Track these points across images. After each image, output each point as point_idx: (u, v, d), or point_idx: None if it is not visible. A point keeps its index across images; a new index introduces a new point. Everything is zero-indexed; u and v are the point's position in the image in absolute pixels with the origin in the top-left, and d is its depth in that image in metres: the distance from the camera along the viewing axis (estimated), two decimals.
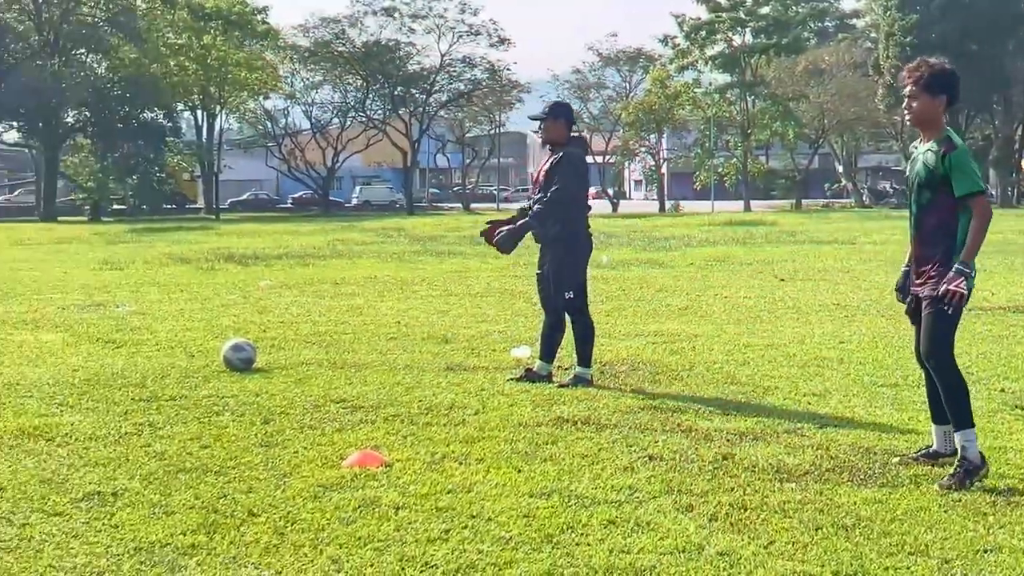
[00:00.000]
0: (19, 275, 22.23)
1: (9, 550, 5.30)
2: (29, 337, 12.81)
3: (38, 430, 7.76)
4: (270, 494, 6.19)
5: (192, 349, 11.71)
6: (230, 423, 7.99)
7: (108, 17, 69.86)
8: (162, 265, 24.96)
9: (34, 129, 71.30)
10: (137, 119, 70.32)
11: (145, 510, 5.90)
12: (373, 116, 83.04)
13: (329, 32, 78.95)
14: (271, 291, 18.30)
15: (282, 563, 5.13)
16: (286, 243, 33.75)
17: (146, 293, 18.12)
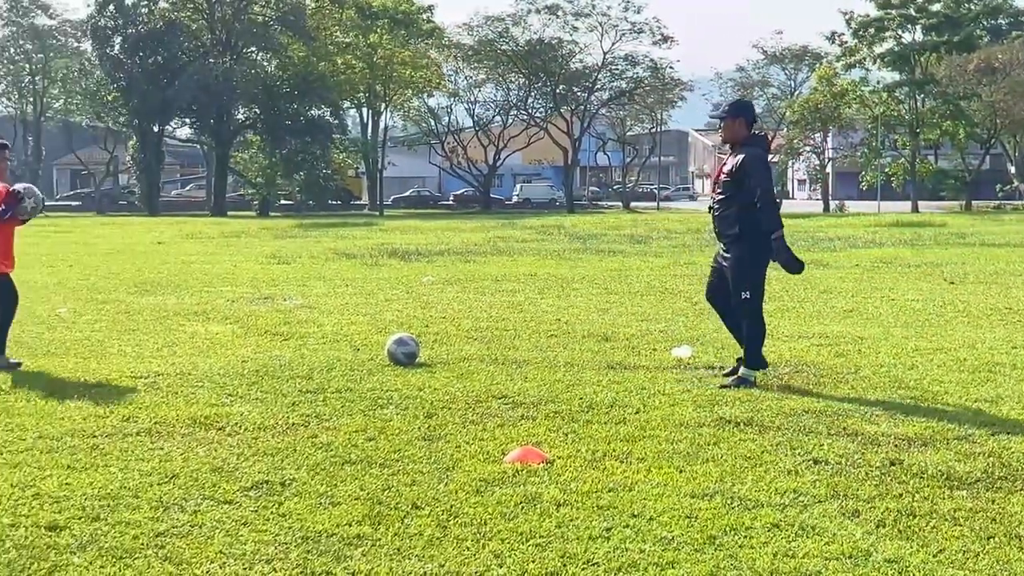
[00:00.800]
0: (191, 268, 22.85)
1: (181, 536, 5.45)
2: (200, 328, 13.16)
3: (209, 419, 7.96)
4: (433, 487, 6.25)
5: (357, 343, 11.89)
6: (394, 416, 8.09)
7: (278, 16, 71.44)
8: (328, 260, 25.41)
9: (206, 126, 73.37)
10: (305, 116, 71.75)
11: (312, 500, 6.01)
12: (535, 114, 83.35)
13: (493, 30, 79.49)
14: (433, 287, 18.49)
15: (445, 556, 5.18)
16: (448, 240, 34.07)
17: (312, 287, 18.46)
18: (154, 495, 6.08)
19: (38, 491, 6.14)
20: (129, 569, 4.99)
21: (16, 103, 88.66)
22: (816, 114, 74.04)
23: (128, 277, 20.39)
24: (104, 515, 5.72)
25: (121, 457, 6.89)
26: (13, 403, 8.52)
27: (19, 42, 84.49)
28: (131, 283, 19.14)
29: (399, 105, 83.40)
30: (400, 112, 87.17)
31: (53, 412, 8.19)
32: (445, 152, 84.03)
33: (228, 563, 5.08)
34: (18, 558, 5.11)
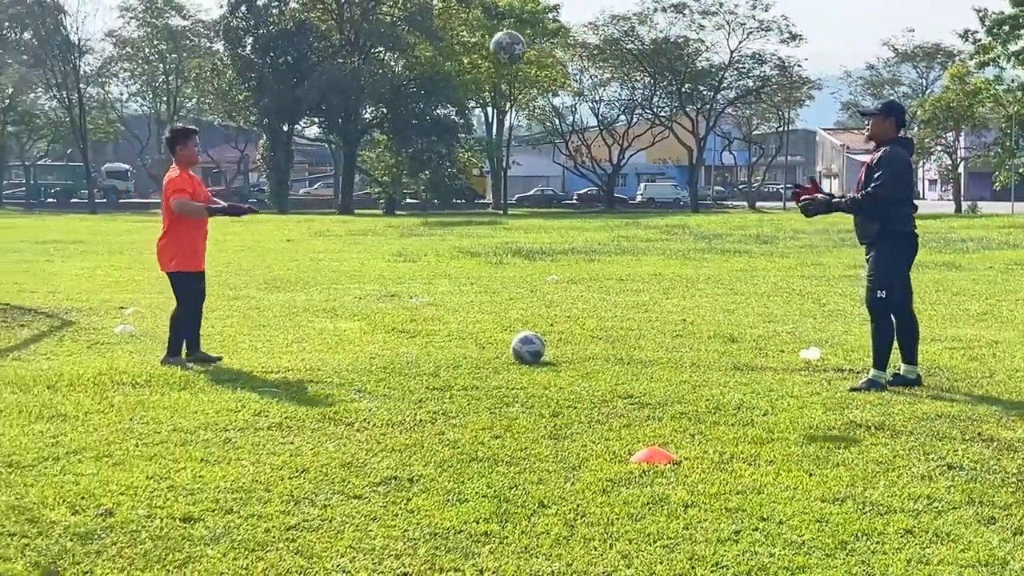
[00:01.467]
0: (319, 265, 23.17)
1: (312, 530, 5.52)
2: (329, 325, 13.33)
3: (338, 415, 8.06)
4: (560, 486, 6.25)
5: (482, 341, 11.94)
6: (520, 415, 8.11)
7: (406, 16, 72.08)
8: (453, 258, 25.57)
9: (334, 125, 74.28)
10: (431, 116, 72.24)
11: (440, 497, 6.05)
12: (660, 113, 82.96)
13: (618, 29, 79.24)
14: (558, 286, 18.50)
15: (572, 555, 5.17)
16: (572, 239, 34.06)
17: (438, 285, 18.60)
18: (285, 489, 6.17)
19: (173, 483, 6.26)
20: (261, 562, 5.07)
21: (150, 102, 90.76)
22: (948, 113, 72.46)
23: (258, 274, 20.74)
24: (237, 508, 5.83)
25: (253, 451, 7.01)
26: (148, 396, 8.71)
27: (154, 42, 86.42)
28: (261, 280, 19.48)
29: (524, 104, 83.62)
30: (525, 111, 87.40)
31: (187, 406, 8.36)
32: (569, 151, 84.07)
33: (358, 558, 5.13)
34: (154, 548, 5.22)
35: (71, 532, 5.41)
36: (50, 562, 5.26)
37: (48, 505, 5.82)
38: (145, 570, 4.95)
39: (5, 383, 9.19)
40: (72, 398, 8.61)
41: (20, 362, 10.41)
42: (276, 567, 5.01)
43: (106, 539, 5.33)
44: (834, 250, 27.59)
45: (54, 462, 6.67)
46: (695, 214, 64.54)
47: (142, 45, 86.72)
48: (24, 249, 28.49)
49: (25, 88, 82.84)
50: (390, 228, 43.23)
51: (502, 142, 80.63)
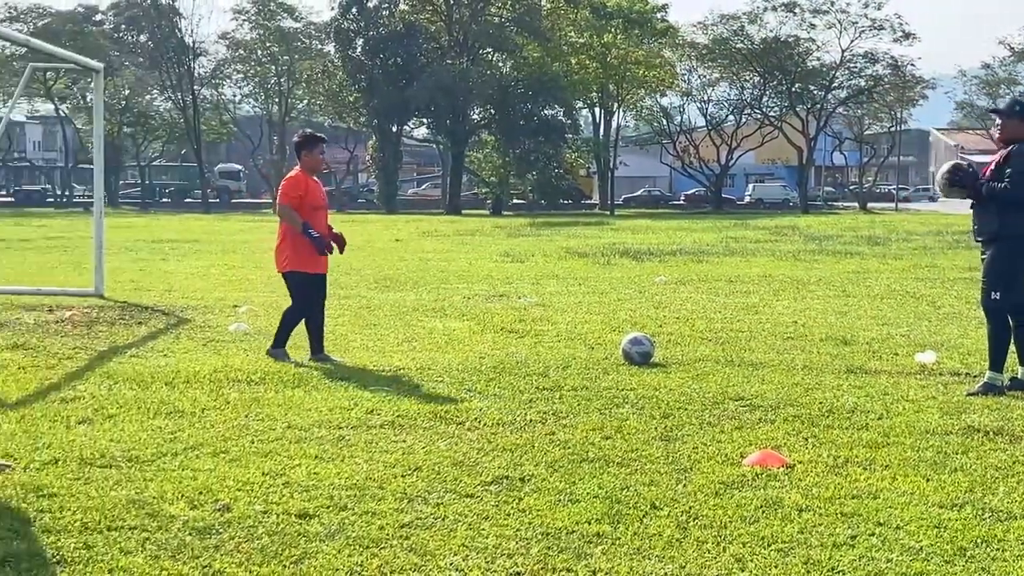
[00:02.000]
0: (428, 265, 23.32)
1: (425, 527, 5.56)
2: (438, 324, 13.41)
3: (449, 414, 8.11)
4: (671, 488, 6.23)
5: (591, 341, 11.94)
6: (630, 415, 8.09)
7: (514, 17, 72.31)
8: (560, 259, 25.58)
9: (442, 126, 74.79)
10: (538, 116, 72.43)
11: (551, 497, 6.06)
12: (769, 113, 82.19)
13: (728, 29, 78.68)
14: (666, 287, 18.42)
15: (685, 558, 5.15)
16: (679, 239, 33.89)
17: (546, 285, 18.61)
18: (398, 487, 6.22)
19: (288, 480, 6.35)
20: (376, 559, 5.11)
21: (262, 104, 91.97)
22: None
23: (368, 273, 20.92)
24: (351, 505, 5.88)
25: (366, 449, 7.08)
26: (263, 393, 8.84)
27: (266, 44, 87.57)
28: (371, 279, 19.65)
29: (632, 105, 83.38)
30: (632, 111, 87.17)
31: (301, 403, 8.47)
32: (677, 151, 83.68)
33: (471, 556, 5.16)
34: (270, 544, 5.29)
35: (190, 526, 5.51)
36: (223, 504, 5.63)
37: (167, 499, 5.93)
38: (262, 565, 5.02)
39: (124, 379, 9.39)
40: (189, 395, 8.77)
41: (138, 359, 10.62)
42: (390, 564, 5.05)
43: (224, 534, 5.42)
44: (948, 252, 27.12)
45: (172, 457, 6.80)
46: (805, 215, 63.84)
47: (255, 47, 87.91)
48: (140, 248, 29.07)
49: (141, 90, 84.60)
50: (497, 228, 43.36)
51: (609, 142, 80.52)
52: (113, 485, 6.17)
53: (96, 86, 17.75)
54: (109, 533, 5.41)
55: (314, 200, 10.64)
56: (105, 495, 5.98)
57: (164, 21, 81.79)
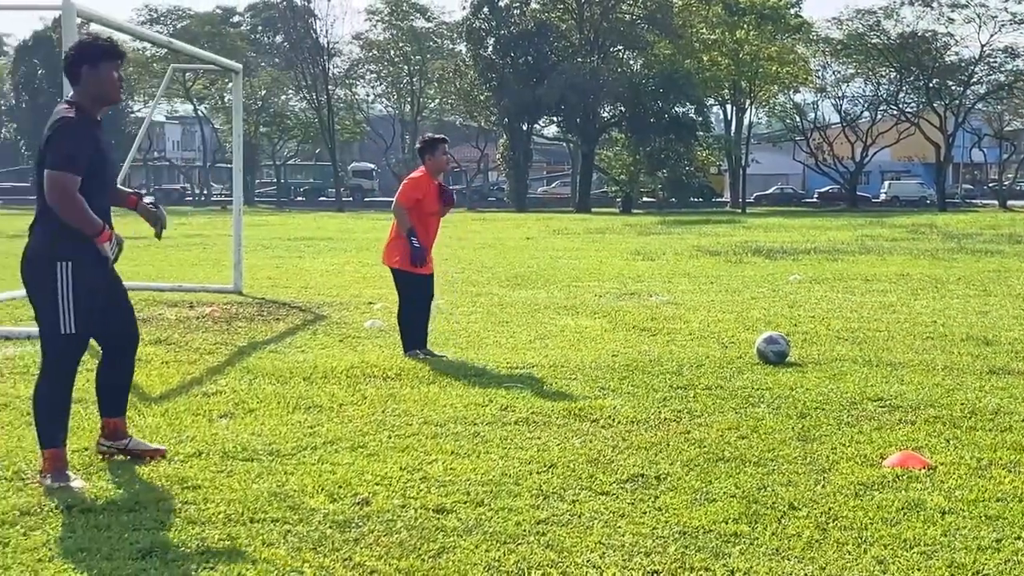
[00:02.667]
0: (558, 263, 23.34)
1: (561, 524, 5.57)
2: (570, 322, 13.43)
3: (583, 411, 8.12)
4: (810, 489, 6.15)
5: (725, 340, 11.84)
6: (766, 415, 8.02)
7: (645, 14, 72.05)
8: (691, 257, 25.42)
9: (572, 124, 74.85)
10: (669, 114, 72.07)
11: (687, 496, 6.03)
12: (905, 109, 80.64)
13: (863, 24, 77.35)
14: (800, 285, 18.19)
15: (825, 559, 5.09)
16: (813, 238, 33.44)
17: (677, 284, 18.51)
18: (534, 483, 6.25)
19: (425, 475, 6.41)
20: (513, 555, 5.14)
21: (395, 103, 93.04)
22: None
23: (500, 271, 21.02)
24: (487, 500, 5.92)
25: (501, 445, 7.12)
26: (399, 389, 8.94)
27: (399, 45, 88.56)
28: (503, 276, 19.73)
29: (764, 101, 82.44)
30: (765, 108, 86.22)
31: (436, 399, 8.54)
32: (810, 148, 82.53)
33: (608, 554, 5.15)
34: (409, 538, 5.35)
35: (330, 519, 5.59)
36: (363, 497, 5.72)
37: (308, 493, 6.02)
38: (401, 559, 5.08)
39: (264, 375, 9.57)
40: (327, 390, 8.90)
41: (277, 354, 10.81)
42: (527, 560, 5.07)
43: (363, 527, 5.49)
44: None
45: (312, 451, 6.90)
46: (942, 213, 62.49)
47: (388, 47, 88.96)
48: (276, 246, 29.58)
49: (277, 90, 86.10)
50: (627, 226, 43.24)
51: (741, 139, 79.74)
52: (255, 478, 6.30)
53: (235, 87, 18.11)
54: (252, 525, 5.52)
55: (431, 205, 10.70)
56: (247, 488, 6.10)
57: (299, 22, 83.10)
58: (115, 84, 6.34)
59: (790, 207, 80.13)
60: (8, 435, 7.18)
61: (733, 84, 76.97)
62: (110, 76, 6.30)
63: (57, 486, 6.03)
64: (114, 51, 6.36)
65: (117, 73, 6.36)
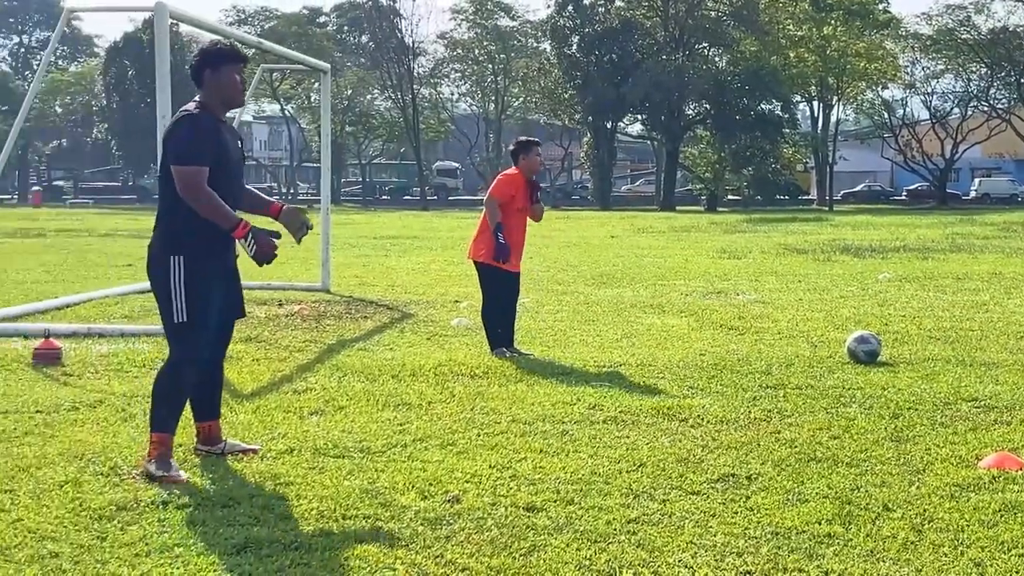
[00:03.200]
0: (644, 262, 23.26)
1: (652, 524, 5.55)
2: (656, 320, 13.38)
3: (672, 410, 8.08)
4: (904, 490, 6.08)
5: (814, 339, 11.74)
6: (858, 415, 7.93)
7: (731, 11, 71.54)
8: (778, 255, 25.21)
9: (656, 121, 74.62)
10: (755, 111, 71.54)
11: (779, 496, 5.98)
12: (997, 105, 79.32)
13: (953, 19, 76.28)
14: (890, 284, 17.98)
15: (921, 561, 5.02)
16: (902, 236, 33.02)
17: (764, 282, 18.37)
18: (623, 482, 6.23)
19: (515, 473, 6.42)
20: (604, 553, 5.12)
21: (479, 102, 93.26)
22: None
23: (585, 269, 21.00)
24: (577, 499, 5.92)
25: (590, 443, 7.11)
26: (487, 388, 8.96)
27: (483, 43, 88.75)
28: (588, 275, 19.71)
29: (851, 98, 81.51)
30: (852, 105, 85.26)
31: (524, 398, 8.55)
32: (899, 145, 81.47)
33: (699, 554, 5.13)
34: (500, 536, 5.36)
35: (421, 517, 5.61)
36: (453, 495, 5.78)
37: (399, 490, 6.06)
38: (492, 556, 5.09)
39: (353, 372, 9.64)
40: (415, 387, 8.95)
41: (365, 352, 10.88)
42: (618, 559, 5.06)
43: (454, 525, 5.51)
44: None
45: (402, 449, 6.94)
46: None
47: (472, 46, 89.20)
48: (363, 244, 29.79)
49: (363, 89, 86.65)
50: (713, 225, 42.98)
51: (828, 137, 78.93)
52: (346, 475, 6.34)
53: (323, 86, 18.25)
54: (344, 521, 5.56)
55: (521, 201, 10.72)
56: (339, 484, 6.15)
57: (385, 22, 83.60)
58: (237, 87, 6.49)
59: (878, 205, 79.16)
60: (104, 431, 7.30)
61: (820, 80, 76.20)
62: (232, 79, 6.45)
63: (160, 474, 6.14)
64: (236, 55, 6.52)
65: (239, 76, 6.50)
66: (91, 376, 9.56)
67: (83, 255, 25.31)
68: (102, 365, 10.02)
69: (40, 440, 7.12)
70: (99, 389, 8.84)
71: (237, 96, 6.51)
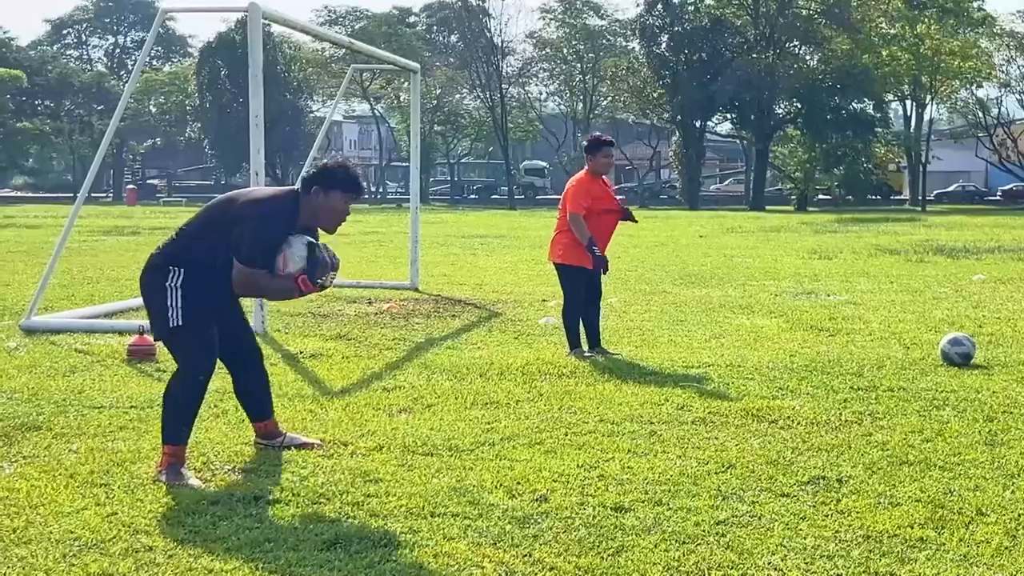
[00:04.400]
0: (732, 262, 23.10)
1: (741, 526, 5.52)
2: (745, 321, 13.29)
3: (761, 412, 8.02)
4: (998, 494, 5.99)
5: (906, 340, 11.59)
6: (951, 418, 7.82)
7: (823, 9, 70.81)
8: (870, 256, 24.90)
9: (746, 121, 74.07)
10: (846, 110, 70.74)
11: (870, 499, 5.92)
12: None
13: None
14: (984, 285, 17.69)
15: (1015, 567, 4.94)
16: (997, 236, 32.46)
17: (856, 283, 18.16)
18: (712, 484, 6.20)
19: (602, 472, 6.42)
20: (693, 555, 5.11)
21: (567, 101, 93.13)
22: None
23: (673, 269, 20.91)
24: (665, 500, 5.90)
25: (678, 444, 7.08)
26: (575, 387, 8.97)
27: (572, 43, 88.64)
28: (676, 275, 19.62)
29: (945, 97, 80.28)
30: (946, 104, 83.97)
31: (612, 397, 8.54)
32: (993, 145, 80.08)
33: (789, 556, 5.09)
34: (587, 536, 5.36)
35: (509, 515, 5.63)
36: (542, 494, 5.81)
37: (487, 488, 6.08)
38: (580, 556, 5.10)
39: (441, 370, 9.70)
40: (503, 386, 8.97)
41: (453, 351, 10.93)
42: (707, 560, 5.04)
43: (542, 524, 5.53)
44: None
45: (490, 447, 6.97)
46: None
47: (561, 46, 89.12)
48: (451, 243, 29.91)
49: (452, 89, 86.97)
50: (803, 225, 42.57)
51: (921, 136, 77.82)
52: (435, 473, 6.38)
53: (413, 86, 18.35)
54: (432, 519, 5.59)
55: (602, 203, 10.63)
56: (427, 482, 6.19)
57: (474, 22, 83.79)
58: (339, 217, 6.45)
59: (972, 205, 77.96)
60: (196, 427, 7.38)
61: (913, 79, 75.11)
62: (339, 207, 6.40)
63: (173, 484, 6.17)
64: (352, 186, 6.45)
65: (346, 208, 6.45)
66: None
67: None
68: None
69: (134, 435, 7.25)
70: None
71: (333, 226, 6.47)
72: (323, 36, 18.07)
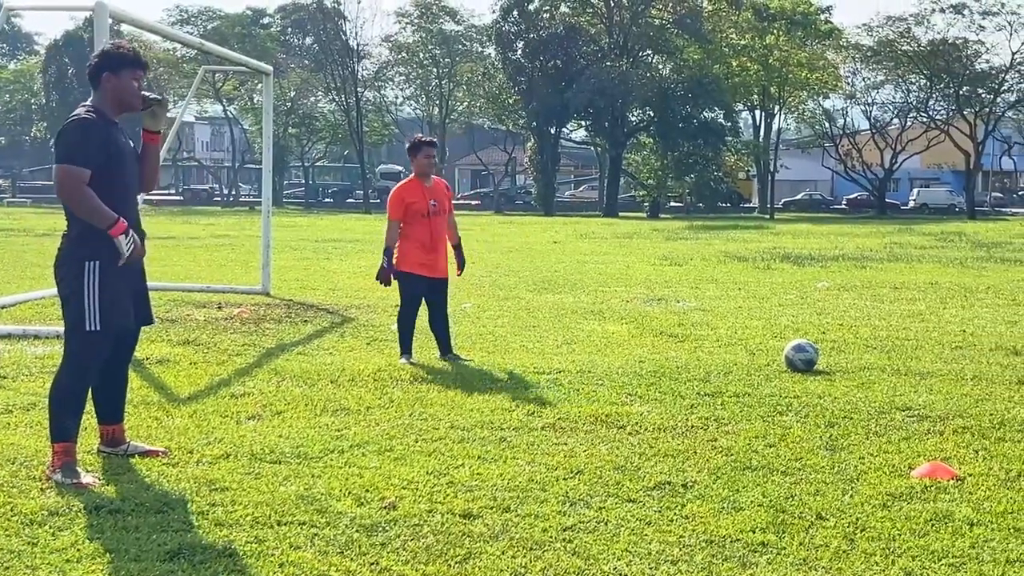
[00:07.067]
0: (585, 267, 23.33)
1: (588, 532, 5.57)
2: (597, 327, 13.42)
3: (610, 417, 8.10)
4: (838, 499, 6.13)
5: (752, 347, 11.82)
6: (794, 424, 7.99)
7: (675, 19, 71.90)
8: (719, 262, 25.37)
9: (600, 128, 74.86)
10: (698, 119, 71.94)
11: (714, 504, 6.01)
12: (935, 116, 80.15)
13: (893, 31, 76.93)
14: (828, 292, 18.13)
15: (853, 570, 5.07)
16: (841, 244, 33.35)
17: (705, 290, 18.47)
18: (560, 489, 6.24)
19: (451, 479, 6.41)
20: (540, 561, 5.14)
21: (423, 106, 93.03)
22: None
23: (527, 275, 21.02)
24: (514, 506, 5.92)
25: (528, 450, 7.12)
26: (426, 393, 8.95)
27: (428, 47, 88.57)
28: (530, 280, 19.73)
29: (793, 107, 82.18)
30: (794, 114, 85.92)
31: (463, 404, 8.55)
32: (839, 155, 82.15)
33: (634, 561, 5.15)
34: (435, 543, 5.35)
35: (357, 523, 5.60)
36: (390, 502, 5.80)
37: (335, 496, 6.03)
38: (428, 564, 5.09)
39: (292, 377, 9.60)
40: (354, 392, 8.92)
41: (304, 356, 10.84)
42: (554, 567, 5.07)
43: (390, 531, 5.50)
44: None
45: (339, 454, 6.92)
46: (972, 221, 62.22)
47: (417, 50, 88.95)
48: (304, 247, 29.68)
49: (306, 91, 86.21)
50: (655, 231, 43.19)
51: (769, 145, 79.52)
52: (282, 481, 6.32)
53: (265, 88, 18.17)
54: (279, 528, 5.53)
55: (421, 206, 10.56)
56: (275, 490, 6.12)
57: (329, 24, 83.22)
58: (135, 92, 6.47)
59: (818, 213, 79.87)
60: (38, 434, 7.21)
61: (762, 89, 76.73)
62: (130, 84, 6.43)
63: (68, 482, 6.07)
64: (136, 60, 6.49)
65: (138, 83, 6.48)
66: (25, 378, 9.48)
67: (20, 255, 25.00)
68: (37, 367, 9.93)
69: None
70: (33, 392, 8.75)
71: (135, 101, 6.47)
72: (173, 36, 17.78)
